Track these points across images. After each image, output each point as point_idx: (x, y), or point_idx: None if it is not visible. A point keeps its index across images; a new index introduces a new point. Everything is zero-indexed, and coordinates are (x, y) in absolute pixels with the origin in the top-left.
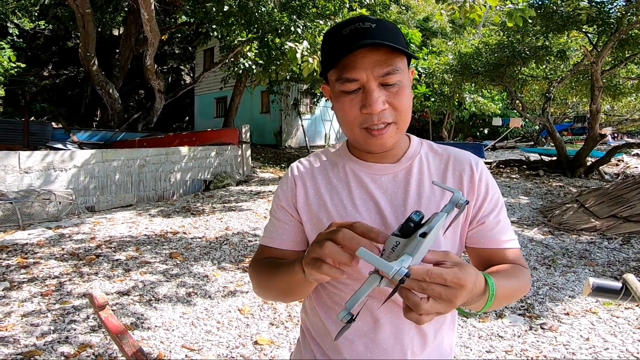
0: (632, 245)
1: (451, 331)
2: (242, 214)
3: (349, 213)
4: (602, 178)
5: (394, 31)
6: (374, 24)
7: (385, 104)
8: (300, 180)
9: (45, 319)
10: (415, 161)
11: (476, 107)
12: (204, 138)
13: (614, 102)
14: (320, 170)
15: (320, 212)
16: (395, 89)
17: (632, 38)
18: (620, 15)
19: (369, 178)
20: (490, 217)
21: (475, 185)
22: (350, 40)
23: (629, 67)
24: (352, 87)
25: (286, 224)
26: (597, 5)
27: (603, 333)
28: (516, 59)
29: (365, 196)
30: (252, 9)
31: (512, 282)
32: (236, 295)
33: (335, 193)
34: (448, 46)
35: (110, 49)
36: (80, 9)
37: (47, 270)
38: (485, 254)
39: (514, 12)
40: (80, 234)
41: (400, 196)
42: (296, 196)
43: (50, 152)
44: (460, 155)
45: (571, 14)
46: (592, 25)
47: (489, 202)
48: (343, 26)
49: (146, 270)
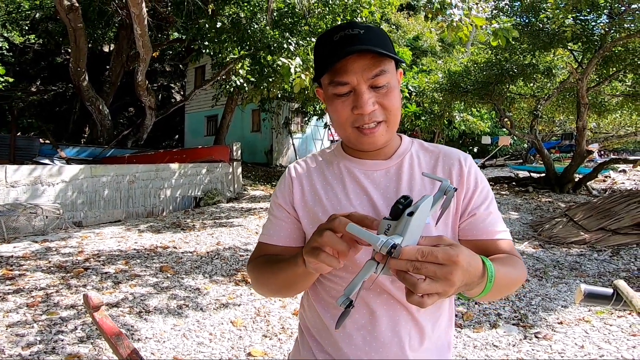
0: (622, 256)
1: (449, 328)
2: (233, 229)
3: (344, 207)
4: (589, 193)
5: (382, 36)
6: (362, 30)
7: (375, 105)
8: (297, 179)
9: (31, 329)
10: (406, 157)
11: (466, 125)
12: (195, 155)
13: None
14: (316, 169)
15: (316, 207)
16: (384, 90)
17: (616, 55)
18: (604, 32)
19: (362, 174)
20: (480, 209)
21: (465, 178)
22: (340, 47)
23: (613, 84)
24: (344, 90)
25: (283, 221)
26: (582, 22)
27: (597, 341)
28: (504, 77)
29: (358, 190)
30: (245, 26)
31: (509, 269)
32: (228, 307)
33: (330, 188)
34: (438, 65)
35: (101, 65)
36: (73, 23)
37: (34, 282)
38: (479, 245)
39: (498, 31)
40: (68, 248)
41: (393, 190)
42: (293, 194)
43: (38, 167)
44: (449, 152)
45: (557, 31)
46: (577, 42)
47: (479, 194)
48: (334, 32)
49: (136, 283)
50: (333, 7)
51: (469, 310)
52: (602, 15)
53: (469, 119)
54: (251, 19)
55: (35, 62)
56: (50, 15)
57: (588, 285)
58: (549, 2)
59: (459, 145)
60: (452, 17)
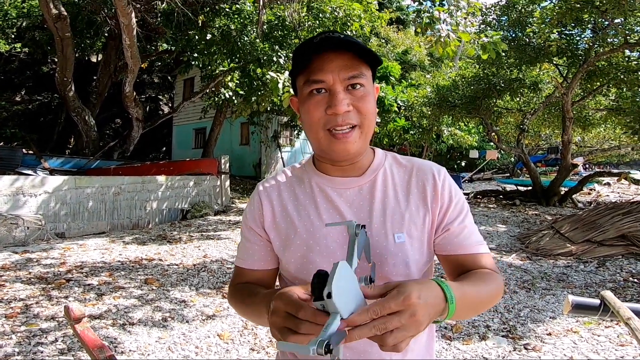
0: (608, 267)
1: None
2: (220, 242)
3: (316, 228)
4: (575, 206)
5: (361, 42)
6: (343, 35)
7: (349, 106)
8: (266, 198)
9: (10, 340)
10: (379, 174)
11: (453, 139)
12: (182, 167)
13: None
14: (286, 186)
15: (288, 229)
16: (360, 92)
17: (600, 69)
18: (588, 46)
19: (335, 192)
20: (454, 223)
21: (439, 193)
22: (318, 46)
23: (597, 99)
24: (319, 87)
25: (255, 244)
26: (567, 37)
27: (586, 351)
28: (492, 91)
29: (332, 210)
30: (235, 38)
31: (479, 287)
32: (215, 320)
33: (303, 208)
34: (426, 79)
35: (87, 75)
36: (60, 32)
37: (12, 292)
38: (455, 261)
39: (487, 45)
40: (49, 259)
41: (366, 209)
42: (263, 215)
43: (20, 177)
44: (423, 166)
45: (542, 45)
46: (562, 57)
47: (453, 208)
48: (315, 37)
49: (120, 295)
50: (323, 21)
51: (458, 323)
52: (586, 30)
53: (457, 133)
54: (241, 31)
55: (21, 71)
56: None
57: (576, 297)
58: (535, 16)
59: (446, 159)
60: (440, 33)
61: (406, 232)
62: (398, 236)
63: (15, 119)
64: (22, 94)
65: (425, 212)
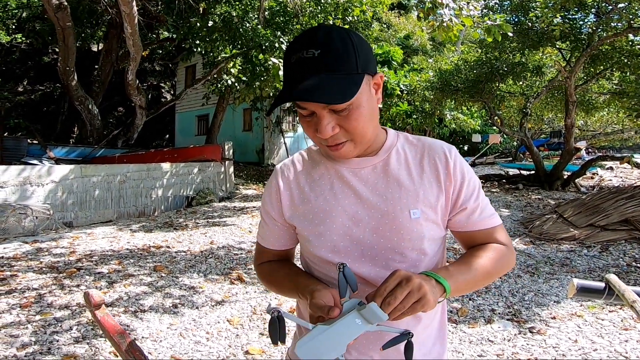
0: (611, 252)
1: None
2: (226, 228)
3: (332, 207)
4: (578, 190)
5: (343, 53)
6: (318, 51)
7: (334, 129)
8: (285, 184)
9: (26, 330)
10: (392, 152)
11: (456, 123)
12: (186, 154)
13: (587, 117)
14: (303, 169)
15: (305, 210)
16: (345, 113)
17: (603, 53)
18: (591, 31)
19: (350, 172)
20: (470, 201)
21: (451, 172)
22: (296, 74)
23: (600, 83)
24: (305, 112)
25: (273, 227)
26: (570, 21)
27: (590, 335)
28: (494, 75)
29: (346, 189)
30: (237, 25)
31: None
32: (224, 306)
33: (319, 189)
34: (429, 63)
35: (89, 65)
36: (61, 22)
37: (25, 282)
38: (470, 236)
39: (492, 28)
40: (59, 248)
41: (381, 186)
42: (281, 203)
43: (27, 167)
44: (434, 144)
45: (545, 30)
46: (565, 41)
47: (467, 187)
48: (292, 51)
49: (130, 282)
50: (325, 6)
51: (463, 306)
52: (589, 14)
53: (460, 117)
54: (243, 17)
55: (22, 61)
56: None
57: (581, 280)
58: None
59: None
60: (443, 17)
61: (421, 208)
62: (413, 212)
63: (19, 109)
64: (25, 84)
65: (439, 190)
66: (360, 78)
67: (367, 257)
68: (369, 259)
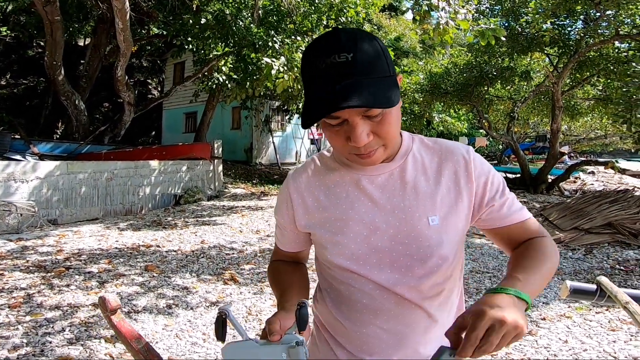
0: (595, 255)
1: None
2: (217, 228)
3: (349, 216)
4: (562, 194)
5: (374, 56)
6: (350, 55)
7: (369, 136)
8: (297, 193)
9: (16, 331)
10: (409, 157)
11: (444, 126)
12: (175, 152)
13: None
14: (317, 178)
15: (323, 219)
16: (378, 118)
17: (590, 60)
18: (579, 37)
19: (366, 179)
20: (496, 198)
21: (472, 173)
22: (331, 83)
23: (585, 89)
24: (335, 122)
25: (286, 232)
26: (559, 27)
27: (579, 335)
28: (484, 79)
29: (363, 197)
30: (230, 23)
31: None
32: (219, 306)
33: (334, 197)
34: (419, 66)
35: (75, 59)
36: (50, 15)
37: (13, 282)
38: (504, 232)
39: (486, 31)
40: (45, 247)
41: (399, 193)
42: (294, 211)
43: (11, 163)
44: (451, 148)
45: (535, 35)
46: (554, 47)
47: (491, 184)
48: (320, 54)
49: (122, 282)
50: (319, 6)
51: None
52: (577, 21)
53: (447, 120)
54: (236, 15)
55: (5, 54)
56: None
57: (573, 282)
58: (530, 7)
59: None
60: (439, 20)
61: (439, 214)
62: (432, 219)
63: (1, 103)
64: (7, 78)
65: (457, 193)
66: (394, 80)
67: (386, 264)
68: (387, 266)
